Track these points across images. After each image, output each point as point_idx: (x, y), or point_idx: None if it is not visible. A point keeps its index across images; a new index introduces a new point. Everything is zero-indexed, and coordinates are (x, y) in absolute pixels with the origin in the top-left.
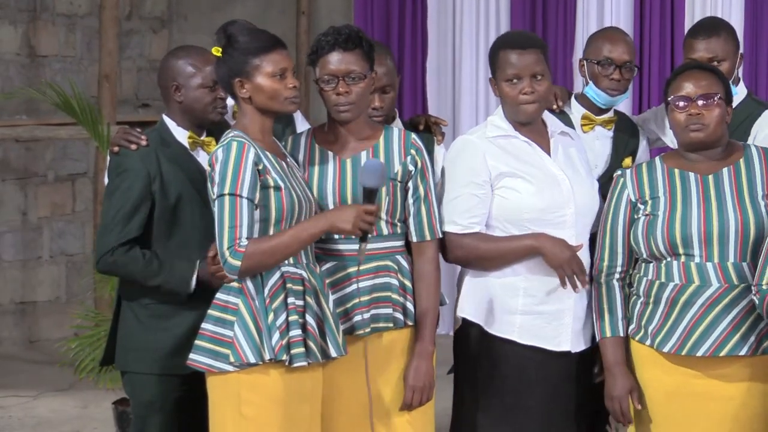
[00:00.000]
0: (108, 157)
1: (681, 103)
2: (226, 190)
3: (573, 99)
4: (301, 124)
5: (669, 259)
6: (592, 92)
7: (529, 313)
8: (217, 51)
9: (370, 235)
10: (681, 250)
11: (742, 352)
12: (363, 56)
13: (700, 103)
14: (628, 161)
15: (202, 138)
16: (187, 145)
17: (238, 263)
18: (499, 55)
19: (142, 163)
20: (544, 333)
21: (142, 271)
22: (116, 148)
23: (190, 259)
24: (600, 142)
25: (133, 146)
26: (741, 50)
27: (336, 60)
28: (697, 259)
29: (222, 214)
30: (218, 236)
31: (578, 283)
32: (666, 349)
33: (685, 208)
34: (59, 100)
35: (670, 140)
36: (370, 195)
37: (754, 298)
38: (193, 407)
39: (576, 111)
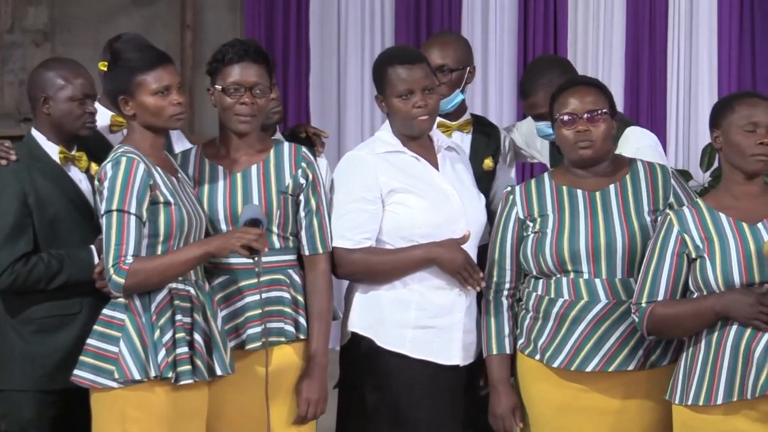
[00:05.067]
0: None
1: (568, 119)
2: (114, 206)
3: None
4: (177, 139)
5: (558, 275)
6: None
7: (420, 327)
8: (103, 66)
9: (256, 256)
10: (569, 267)
11: (630, 367)
12: (267, 72)
13: (586, 118)
14: (488, 162)
15: (72, 153)
16: (58, 161)
17: (122, 281)
18: (388, 71)
19: (14, 177)
20: (435, 347)
21: (45, 274)
22: None
23: (87, 252)
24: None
25: (3, 161)
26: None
27: (245, 71)
28: (585, 276)
29: (109, 230)
30: (105, 253)
31: (475, 282)
32: (555, 364)
33: (573, 225)
34: None
35: (539, 153)
36: (252, 224)
37: (634, 316)
38: (71, 426)
39: None
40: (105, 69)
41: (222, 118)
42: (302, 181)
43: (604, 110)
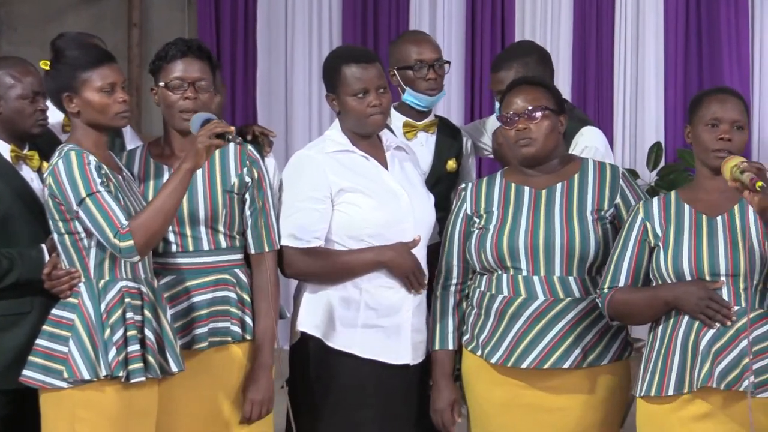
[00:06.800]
0: None
1: (508, 119)
2: (83, 194)
3: (392, 109)
4: (131, 138)
5: (499, 271)
6: (412, 98)
7: (369, 327)
8: (45, 64)
9: (229, 136)
10: (509, 263)
11: (566, 365)
12: (211, 69)
13: (525, 116)
14: (451, 163)
15: (24, 152)
16: (9, 159)
17: (130, 242)
18: (342, 70)
19: None
20: (384, 346)
21: None
22: None
23: (38, 251)
24: (424, 147)
25: None
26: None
27: (188, 66)
28: (524, 273)
29: (92, 215)
30: (101, 237)
31: (420, 286)
32: (494, 360)
33: (514, 222)
34: None
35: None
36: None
37: (598, 301)
38: (23, 426)
39: (396, 120)
40: (47, 67)
41: (166, 116)
42: (248, 179)
43: (544, 107)
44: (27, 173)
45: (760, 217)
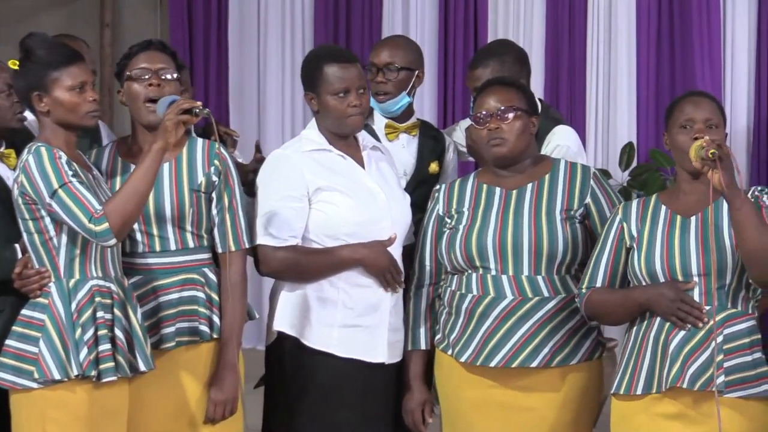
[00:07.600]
0: None
1: (480, 119)
2: (56, 185)
3: (375, 110)
4: (107, 139)
5: (469, 271)
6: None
7: (347, 326)
8: (13, 64)
9: (197, 110)
10: (478, 263)
11: (534, 364)
12: (173, 62)
13: (497, 116)
14: (434, 166)
15: (1, 150)
16: None
17: (105, 225)
18: (323, 69)
19: None
20: (362, 345)
21: None
22: None
23: (12, 251)
24: (406, 149)
25: None
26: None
27: (150, 57)
28: (493, 272)
29: (66, 205)
30: (76, 224)
31: (397, 285)
32: (463, 359)
33: (483, 222)
34: None
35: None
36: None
37: (576, 300)
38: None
39: (379, 121)
40: (16, 67)
41: (132, 111)
42: (215, 178)
43: (516, 108)
44: (4, 171)
45: (725, 197)
